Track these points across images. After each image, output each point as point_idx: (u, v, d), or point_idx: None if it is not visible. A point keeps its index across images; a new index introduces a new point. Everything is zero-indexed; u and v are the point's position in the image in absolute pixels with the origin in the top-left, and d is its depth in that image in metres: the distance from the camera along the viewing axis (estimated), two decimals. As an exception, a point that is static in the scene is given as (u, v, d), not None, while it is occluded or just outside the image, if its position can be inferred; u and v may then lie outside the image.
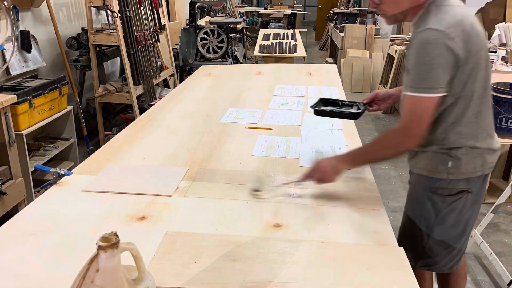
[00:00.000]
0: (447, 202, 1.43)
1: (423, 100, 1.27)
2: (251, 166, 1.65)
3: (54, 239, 1.19)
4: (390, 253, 1.14)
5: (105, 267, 0.78)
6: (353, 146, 1.84)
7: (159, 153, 1.77)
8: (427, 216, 1.47)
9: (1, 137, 2.56)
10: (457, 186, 1.41)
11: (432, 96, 1.26)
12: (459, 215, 1.45)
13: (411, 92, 1.29)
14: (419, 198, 1.49)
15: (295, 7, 11.12)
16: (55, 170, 1.53)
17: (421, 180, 1.47)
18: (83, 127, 3.83)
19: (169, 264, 1.08)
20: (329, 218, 1.31)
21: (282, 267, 1.08)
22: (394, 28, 7.89)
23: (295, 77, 3.09)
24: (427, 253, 1.51)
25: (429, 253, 1.51)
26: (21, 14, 3.32)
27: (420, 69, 1.26)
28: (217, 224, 1.27)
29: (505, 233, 2.88)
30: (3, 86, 2.98)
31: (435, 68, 1.23)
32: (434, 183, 1.43)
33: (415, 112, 1.29)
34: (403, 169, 3.86)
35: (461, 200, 1.42)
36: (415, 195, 1.51)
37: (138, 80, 3.92)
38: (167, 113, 2.28)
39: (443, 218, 1.45)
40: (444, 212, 1.44)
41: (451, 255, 1.51)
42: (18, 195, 2.66)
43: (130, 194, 1.43)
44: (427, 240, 1.49)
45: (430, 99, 1.27)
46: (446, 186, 1.42)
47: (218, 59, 5.20)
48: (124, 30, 3.74)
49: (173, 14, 6.07)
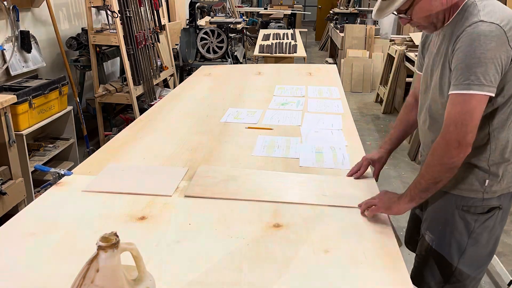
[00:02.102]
0: (480, 220, 1.31)
1: (471, 98, 1.12)
2: (251, 166, 1.65)
3: (54, 239, 1.19)
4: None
5: (105, 267, 0.78)
6: (353, 146, 1.84)
7: (159, 153, 1.77)
8: (458, 237, 1.34)
9: (1, 137, 2.56)
10: (490, 203, 1.30)
11: (481, 94, 1.12)
12: (491, 233, 1.34)
13: (457, 90, 1.14)
14: (449, 219, 1.35)
15: (295, 7, 11.12)
16: (55, 170, 1.53)
17: (451, 199, 1.34)
18: (83, 127, 3.83)
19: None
20: (329, 218, 1.31)
21: (283, 267, 1.08)
22: (394, 28, 7.89)
23: (295, 77, 3.09)
24: (456, 277, 1.38)
25: (459, 277, 1.38)
26: (21, 14, 3.32)
27: (470, 63, 1.12)
28: (217, 224, 1.27)
29: (505, 233, 2.88)
30: (3, 86, 2.98)
31: (487, 63, 1.10)
32: (467, 201, 1.31)
33: (460, 113, 1.14)
34: (403, 169, 3.86)
35: (493, 217, 1.32)
36: (443, 215, 1.36)
37: (138, 80, 3.92)
38: (167, 113, 2.28)
39: (476, 238, 1.33)
40: (477, 232, 1.32)
41: (477, 279, 1.40)
42: (18, 195, 2.66)
43: (130, 194, 1.43)
44: (457, 263, 1.36)
45: (478, 98, 1.12)
46: (480, 204, 1.30)
47: (218, 59, 5.20)
48: (124, 30, 3.74)
49: (173, 14, 6.08)
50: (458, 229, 1.34)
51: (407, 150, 4.24)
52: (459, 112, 1.14)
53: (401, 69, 5.21)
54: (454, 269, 1.37)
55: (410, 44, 5.19)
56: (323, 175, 1.57)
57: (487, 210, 1.31)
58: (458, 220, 1.34)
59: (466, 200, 1.31)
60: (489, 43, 1.10)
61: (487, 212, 1.31)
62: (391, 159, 4.05)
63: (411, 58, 4.91)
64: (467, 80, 1.12)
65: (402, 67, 5.19)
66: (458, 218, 1.33)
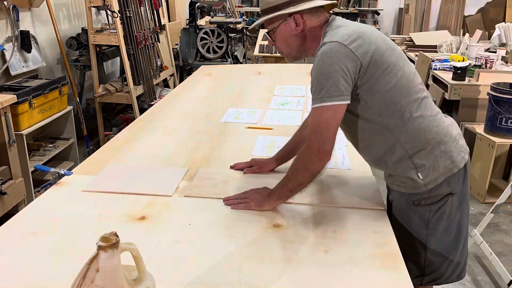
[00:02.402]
0: (434, 210, 1.37)
1: (324, 110, 1.23)
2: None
3: (54, 239, 1.19)
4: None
5: (105, 267, 0.78)
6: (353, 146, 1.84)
7: (159, 153, 1.77)
8: (418, 230, 1.40)
9: (1, 137, 2.56)
10: (440, 191, 1.35)
11: (333, 105, 1.22)
12: (449, 219, 1.38)
13: (313, 105, 1.25)
14: (406, 215, 1.41)
15: (295, 7, 11.07)
16: (55, 170, 1.53)
17: (403, 197, 1.40)
18: (83, 127, 3.83)
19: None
20: (329, 218, 1.31)
21: (283, 267, 1.08)
22: (394, 28, 7.90)
23: (295, 77, 3.09)
24: (430, 268, 1.42)
25: (431, 267, 1.42)
26: (21, 14, 3.32)
27: (319, 79, 1.24)
28: (217, 224, 1.27)
29: (505, 233, 2.88)
30: (3, 86, 2.98)
31: (333, 76, 1.21)
32: (416, 196, 1.36)
33: (318, 124, 1.25)
34: (403, 169, 3.85)
35: (447, 204, 1.36)
36: (401, 212, 1.43)
37: (138, 80, 3.92)
38: (167, 113, 2.28)
39: (434, 228, 1.38)
40: (433, 222, 1.37)
41: (454, 263, 1.44)
42: (18, 195, 2.66)
43: (130, 194, 1.43)
44: (424, 254, 1.41)
45: (332, 108, 1.23)
46: (428, 195, 1.35)
47: (218, 59, 5.20)
48: (124, 30, 3.74)
49: (173, 14, 6.07)
50: (416, 223, 1.40)
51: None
52: (316, 122, 1.25)
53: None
54: (424, 261, 1.42)
55: (410, 44, 5.19)
56: (323, 175, 1.57)
57: (440, 199, 1.35)
58: (413, 215, 1.39)
59: (415, 195, 1.36)
60: (331, 59, 1.21)
61: (439, 201, 1.36)
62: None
63: (411, 58, 4.91)
64: (319, 95, 1.23)
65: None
66: (413, 213, 1.39)
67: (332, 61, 1.21)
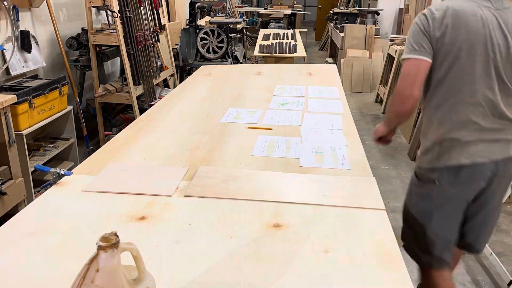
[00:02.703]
0: (417, 185, 1.63)
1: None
2: (251, 166, 1.65)
3: (54, 239, 1.19)
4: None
5: (105, 267, 0.78)
6: (353, 146, 1.84)
7: (159, 153, 1.77)
8: (405, 197, 1.70)
9: (1, 137, 2.56)
10: (428, 174, 1.58)
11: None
12: (419, 203, 1.61)
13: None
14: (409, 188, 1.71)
15: (295, 7, 11.11)
16: (55, 170, 1.53)
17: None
18: (83, 127, 3.83)
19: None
20: (329, 218, 1.31)
21: (283, 267, 1.08)
22: (394, 28, 7.90)
23: (295, 77, 3.09)
24: (410, 235, 1.71)
25: (409, 231, 1.70)
26: (21, 14, 3.32)
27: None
28: (217, 224, 1.27)
29: (505, 233, 2.88)
30: (3, 86, 2.98)
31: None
32: (416, 168, 1.65)
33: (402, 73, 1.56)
34: (403, 169, 3.86)
35: (427, 188, 1.58)
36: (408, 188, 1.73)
37: (138, 80, 3.92)
38: (167, 113, 2.28)
39: (409, 199, 1.67)
40: (412, 194, 1.66)
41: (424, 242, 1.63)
42: (18, 195, 2.66)
43: (130, 194, 1.43)
44: (404, 221, 1.70)
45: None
46: (419, 171, 1.63)
47: (218, 59, 5.20)
48: (124, 30, 3.74)
49: (173, 14, 6.07)
50: (408, 190, 1.71)
51: (407, 150, 4.24)
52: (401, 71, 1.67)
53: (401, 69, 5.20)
54: (404, 226, 1.73)
55: (410, 44, 5.18)
56: (323, 175, 1.57)
57: (426, 180, 1.58)
58: (410, 182, 1.70)
59: (417, 167, 1.65)
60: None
61: (426, 181, 1.58)
62: (391, 159, 4.05)
63: (411, 58, 4.90)
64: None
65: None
66: (411, 181, 1.69)
67: None
